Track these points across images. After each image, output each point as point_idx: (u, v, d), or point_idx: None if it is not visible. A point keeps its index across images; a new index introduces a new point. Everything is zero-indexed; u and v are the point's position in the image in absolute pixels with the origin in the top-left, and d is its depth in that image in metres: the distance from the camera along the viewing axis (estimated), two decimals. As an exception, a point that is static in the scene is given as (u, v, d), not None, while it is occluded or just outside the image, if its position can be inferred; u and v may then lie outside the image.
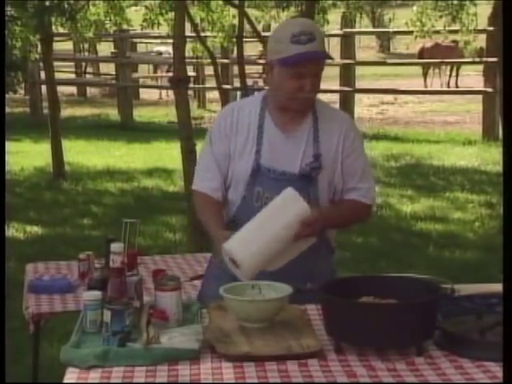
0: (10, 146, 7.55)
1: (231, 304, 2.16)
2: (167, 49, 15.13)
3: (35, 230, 6.56)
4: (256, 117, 2.49)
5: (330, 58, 2.50)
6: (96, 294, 2.18)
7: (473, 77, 15.12)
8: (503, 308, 1.94)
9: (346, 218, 2.55)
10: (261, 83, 14.42)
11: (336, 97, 12.37)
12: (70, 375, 1.92)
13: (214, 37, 9.88)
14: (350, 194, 2.52)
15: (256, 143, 2.46)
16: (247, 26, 8.57)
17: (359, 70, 12.39)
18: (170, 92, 13.72)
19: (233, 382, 1.88)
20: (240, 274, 2.29)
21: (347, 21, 11.80)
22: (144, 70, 17.60)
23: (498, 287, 2.31)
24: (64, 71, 15.60)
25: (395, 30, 16.18)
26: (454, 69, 15.99)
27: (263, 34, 10.33)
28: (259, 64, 14.67)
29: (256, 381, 1.87)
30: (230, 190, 2.51)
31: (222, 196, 2.51)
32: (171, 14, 8.53)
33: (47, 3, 8.25)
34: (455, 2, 9.30)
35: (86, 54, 17.90)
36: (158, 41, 16.53)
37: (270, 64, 2.46)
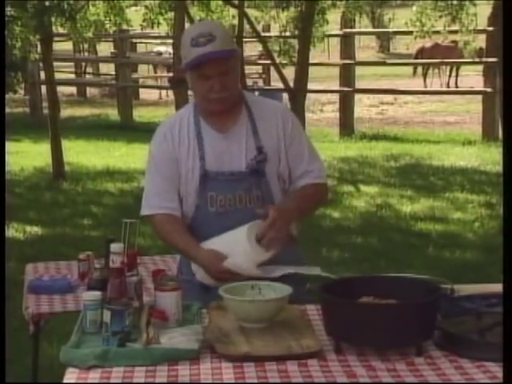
0: (9, 146, 7.54)
1: (231, 304, 2.16)
2: (167, 49, 15.13)
3: (35, 230, 6.55)
4: (192, 125, 2.50)
5: (236, 50, 2.49)
6: (96, 294, 2.18)
7: (472, 77, 15.12)
8: (503, 308, 1.94)
9: (308, 204, 2.55)
10: (261, 83, 14.45)
11: (336, 97, 12.38)
12: (70, 375, 1.93)
13: (214, 37, 9.87)
14: (303, 179, 2.53)
15: (198, 149, 2.47)
16: (247, 27, 8.58)
17: (359, 70, 12.39)
18: (170, 92, 13.73)
19: (232, 382, 1.88)
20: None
21: (347, 21, 11.78)
22: (144, 70, 17.60)
23: (498, 287, 2.31)
24: (64, 71, 15.59)
25: (395, 30, 16.19)
26: (454, 69, 15.99)
27: (263, 34, 10.33)
28: (259, 64, 14.68)
29: (256, 381, 1.87)
30: (182, 203, 2.51)
31: (181, 215, 2.51)
32: (171, 14, 8.54)
33: (47, 3, 8.24)
34: (455, 2, 9.30)
35: (86, 54, 17.89)
36: (158, 41, 16.53)
37: (184, 70, 2.51)
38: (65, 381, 1.91)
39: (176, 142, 2.49)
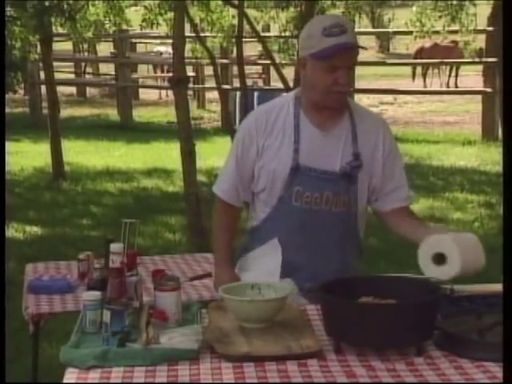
0: (9, 146, 7.54)
1: (231, 304, 2.16)
2: (167, 49, 15.13)
3: (35, 230, 6.55)
4: (291, 117, 2.46)
5: (364, 48, 2.50)
6: (95, 294, 2.18)
7: (472, 77, 15.12)
8: (503, 308, 1.94)
9: None
10: (260, 83, 14.44)
11: (335, 97, 12.38)
12: (70, 375, 1.93)
13: (214, 37, 9.88)
14: (392, 197, 2.52)
15: (294, 142, 2.44)
16: (246, 27, 8.57)
17: (359, 70, 12.30)
18: (170, 92, 13.72)
19: (232, 382, 1.88)
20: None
21: (347, 21, 11.78)
22: (143, 70, 17.60)
23: (498, 287, 2.31)
24: (63, 71, 15.59)
25: (395, 30, 16.18)
26: (454, 69, 15.99)
27: (262, 34, 10.33)
28: (259, 64, 14.68)
29: (256, 381, 1.87)
30: (264, 192, 2.49)
31: (238, 201, 2.54)
32: (170, 14, 8.53)
33: (47, 3, 8.24)
34: (455, 3, 9.30)
35: (86, 54, 17.89)
36: (158, 41, 16.53)
37: (302, 61, 2.46)
38: (64, 381, 1.91)
39: (268, 129, 2.46)
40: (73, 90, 17.15)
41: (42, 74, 10.00)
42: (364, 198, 2.50)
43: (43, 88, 10.44)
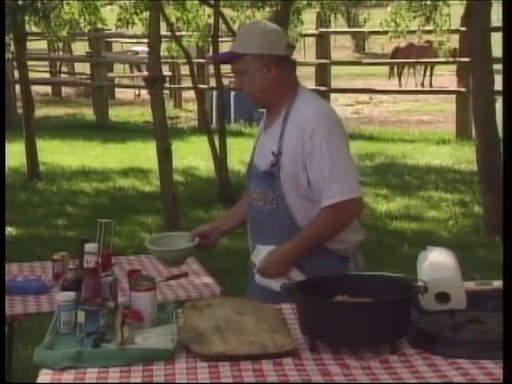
0: (-17, 146, 7.46)
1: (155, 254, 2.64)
2: (143, 48, 15.07)
3: (9, 230, 6.49)
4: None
5: (243, 57, 2.57)
6: (70, 295, 2.17)
7: (447, 77, 15.24)
8: (503, 308, 1.96)
9: (316, 234, 2.48)
10: (236, 83, 14.41)
11: (312, 96, 12.41)
12: (44, 377, 1.92)
13: (190, 36, 9.86)
14: (323, 199, 2.44)
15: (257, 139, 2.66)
16: (222, 26, 8.57)
17: (334, 70, 12.43)
18: (146, 91, 13.66)
19: (207, 381, 1.88)
20: None
21: (322, 21, 11.81)
22: (119, 69, 17.51)
23: (470, 285, 2.34)
24: (38, 70, 15.46)
25: (370, 30, 16.26)
26: (428, 69, 16.11)
27: (239, 33, 10.32)
28: (235, 63, 14.64)
29: (231, 380, 1.88)
30: None
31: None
32: (146, 14, 8.51)
33: (20, 2, 8.17)
34: (429, 3, 9.38)
35: (61, 53, 17.76)
36: (134, 40, 16.46)
37: None
38: (38, 381, 1.90)
39: None
40: (48, 89, 17.01)
41: (17, 73, 9.91)
42: (292, 194, 2.46)
43: (17, 87, 10.35)
